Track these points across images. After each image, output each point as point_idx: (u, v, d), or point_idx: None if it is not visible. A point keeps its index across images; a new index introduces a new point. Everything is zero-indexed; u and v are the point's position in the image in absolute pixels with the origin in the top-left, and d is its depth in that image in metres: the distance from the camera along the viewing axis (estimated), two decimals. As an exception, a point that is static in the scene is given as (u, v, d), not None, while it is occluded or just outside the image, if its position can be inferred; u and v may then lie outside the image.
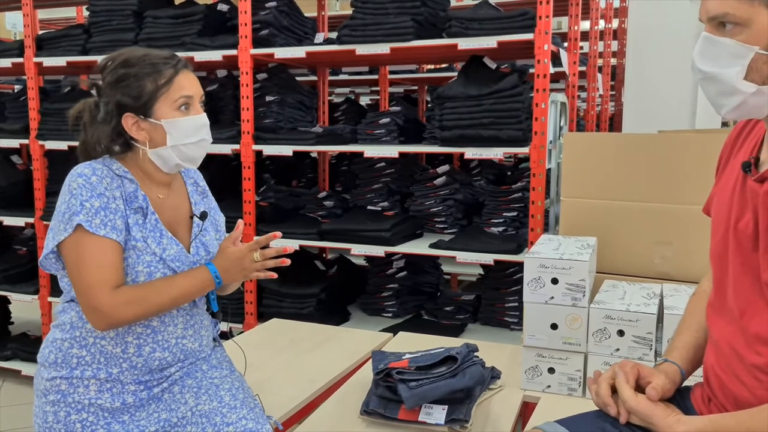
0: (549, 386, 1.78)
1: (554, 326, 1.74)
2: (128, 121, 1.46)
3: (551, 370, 1.77)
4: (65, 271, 1.45)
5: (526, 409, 1.76)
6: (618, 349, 1.69)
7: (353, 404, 1.69)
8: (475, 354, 1.70)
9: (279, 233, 1.53)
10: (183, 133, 1.47)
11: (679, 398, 1.26)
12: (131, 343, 1.45)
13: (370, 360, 1.84)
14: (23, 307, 4.03)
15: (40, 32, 3.55)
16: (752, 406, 1.08)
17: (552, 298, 1.73)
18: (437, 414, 1.54)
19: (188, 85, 1.49)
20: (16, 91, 4.76)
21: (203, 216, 1.58)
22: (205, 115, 1.52)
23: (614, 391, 1.24)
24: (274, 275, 1.53)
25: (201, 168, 1.64)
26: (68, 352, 1.44)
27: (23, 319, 4.12)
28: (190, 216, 1.59)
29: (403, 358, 1.66)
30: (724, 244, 1.18)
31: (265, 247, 1.51)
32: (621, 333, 1.68)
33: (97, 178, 1.42)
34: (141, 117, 1.45)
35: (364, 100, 5.90)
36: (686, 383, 1.30)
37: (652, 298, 1.78)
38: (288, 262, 1.51)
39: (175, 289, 1.44)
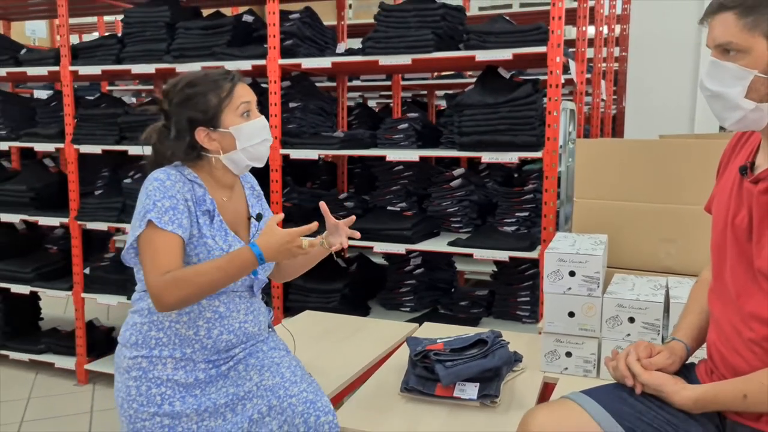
0: (566, 368, 1.96)
1: (571, 314, 1.92)
2: (201, 135, 1.65)
3: (568, 354, 1.95)
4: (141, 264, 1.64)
5: (546, 388, 1.95)
6: (629, 335, 1.88)
7: (392, 383, 1.88)
8: (500, 339, 1.90)
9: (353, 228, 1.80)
10: (249, 136, 1.67)
11: (686, 372, 1.46)
12: (202, 326, 1.64)
13: (402, 346, 2.03)
14: (52, 303, 4.22)
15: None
16: (748, 375, 1.28)
17: (569, 288, 1.91)
18: (470, 390, 1.73)
19: (245, 93, 1.69)
20: (34, 96, 4.92)
21: (259, 217, 1.77)
22: (263, 117, 1.72)
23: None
24: None
25: None
26: (147, 334, 1.63)
27: (51, 315, 4.30)
28: (247, 217, 1.79)
29: (437, 341, 1.85)
30: (723, 237, 1.38)
31: (312, 236, 1.61)
32: (632, 320, 1.87)
33: (171, 182, 1.61)
34: (211, 129, 1.65)
35: (371, 104, 6.08)
36: (691, 360, 1.50)
37: (658, 289, 1.97)
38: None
39: (216, 271, 1.53)
